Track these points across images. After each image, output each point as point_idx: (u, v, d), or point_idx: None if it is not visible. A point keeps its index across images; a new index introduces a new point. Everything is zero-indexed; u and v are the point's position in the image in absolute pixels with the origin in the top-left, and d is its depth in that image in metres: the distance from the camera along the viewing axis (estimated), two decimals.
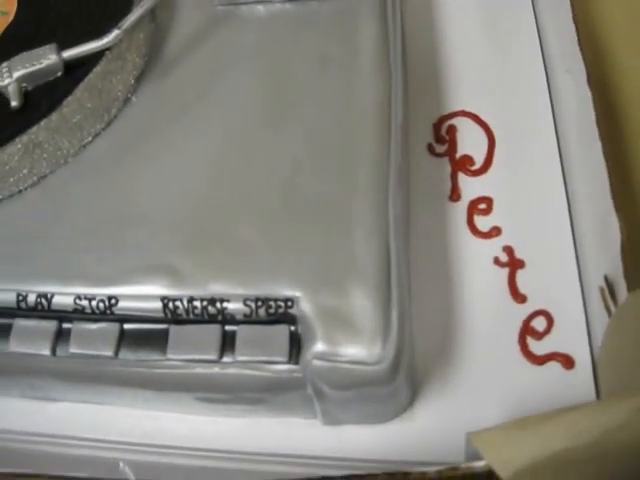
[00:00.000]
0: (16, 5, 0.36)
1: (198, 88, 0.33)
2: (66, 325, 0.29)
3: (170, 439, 0.31)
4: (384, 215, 0.27)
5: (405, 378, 0.26)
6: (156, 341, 0.28)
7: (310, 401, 0.27)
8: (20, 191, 0.32)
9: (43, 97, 0.31)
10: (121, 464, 0.29)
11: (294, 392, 0.27)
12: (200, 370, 0.27)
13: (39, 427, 0.33)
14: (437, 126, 0.36)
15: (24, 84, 0.31)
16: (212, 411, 0.30)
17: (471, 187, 0.34)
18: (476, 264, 0.31)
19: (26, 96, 0.31)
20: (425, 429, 0.27)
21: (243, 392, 0.27)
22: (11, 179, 0.32)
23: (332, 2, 0.33)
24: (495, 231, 0.33)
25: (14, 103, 0.31)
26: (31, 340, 0.29)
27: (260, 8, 0.34)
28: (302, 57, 0.32)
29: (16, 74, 0.31)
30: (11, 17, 0.36)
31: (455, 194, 0.34)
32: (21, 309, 0.30)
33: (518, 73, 0.36)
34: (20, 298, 0.29)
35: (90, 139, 0.32)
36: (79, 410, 0.33)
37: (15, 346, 0.30)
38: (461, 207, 0.33)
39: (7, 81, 0.31)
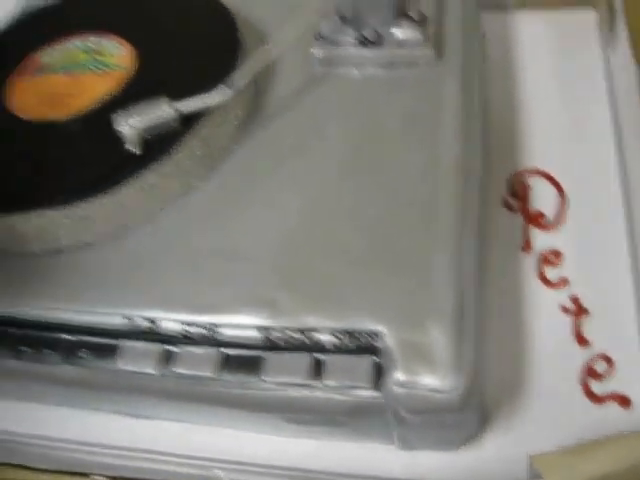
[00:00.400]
0: (135, 61, 0.45)
1: (294, 140, 0.40)
2: (171, 348, 0.37)
3: (253, 457, 0.38)
4: (460, 262, 0.34)
5: (475, 408, 0.32)
6: (253, 365, 0.35)
7: (388, 426, 0.34)
8: (132, 226, 0.40)
9: (157, 144, 0.39)
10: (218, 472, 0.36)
11: (374, 417, 0.33)
12: (291, 393, 0.34)
13: (131, 442, 0.40)
14: (512, 182, 0.43)
15: (142, 132, 0.39)
16: (295, 432, 0.37)
17: (542, 240, 0.40)
18: (544, 310, 0.38)
19: (143, 143, 0.39)
20: (491, 457, 0.34)
21: (328, 415, 0.34)
22: (125, 216, 0.40)
23: (419, 68, 0.41)
24: (563, 281, 0.39)
25: (132, 149, 0.39)
26: (139, 360, 0.37)
27: (354, 71, 0.42)
28: (390, 115, 0.40)
29: (135, 123, 0.39)
30: (131, 72, 0.44)
31: (527, 246, 0.41)
32: (131, 332, 0.37)
33: (590, 135, 0.43)
34: (130, 321, 0.37)
35: (197, 182, 0.40)
36: (169, 427, 0.40)
37: (123, 364, 0.37)
38: (532, 258, 0.40)
39: (127, 129, 0.39)
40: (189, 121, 0.40)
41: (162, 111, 0.39)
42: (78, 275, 0.40)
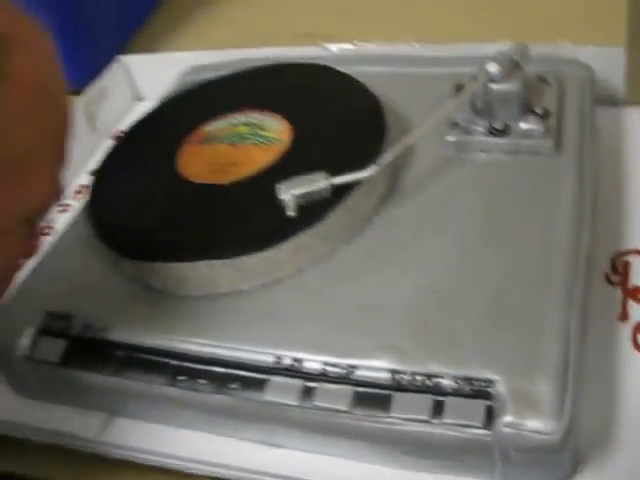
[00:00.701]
0: (291, 136, 0.57)
1: (428, 213, 0.51)
2: (311, 384, 0.47)
3: None
4: (567, 324, 0.43)
5: (571, 450, 0.41)
6: (381, 402, 0.44)
7: (492, 463, 0.42)
8: (283, 279, 0.51)
9: (311, 210, 0.50)
10: None
11: (482, 453, 0.42)
12: (414, 428, 0.43)
13: (266, 468, 0.50)
14: (614, 259, 0.52)
15: (299, 199, 0.50)
16: (405, 464, 0.46)
17: (638, 312, 0.49)
18: (638, 374, 0.46)
19: (299, 209, 0.51)
20: None
21: (443, 449, 0.43)
22: (278, 269, 0.51)
23: (540, 157, 0.52)
24: None
25: (290, 213, 0.50)
26: (282, 393, 0.47)
27: (483, 156, 0.53)
28: (512, 196, 0.51)
29: (294, 192, 0.50)
30: (287, 145, 0.56)
31: (624, 316, 0.49)
32: (276, 368, 0.47)
33: None
34: (277, 360, 0.47)
35: (341, 245, 0.51)
36: (301, 456, 0.50)
37: (269, 396, 0.47)
38: (628, 327, 0.49)
39: (286, 196, 0.50)
40: (339, 192, 0.51)
41: (318, 183, 0.50)
42: (233, 317, 0.51)
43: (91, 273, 0.58)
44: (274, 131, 0.59)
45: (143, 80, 0.89)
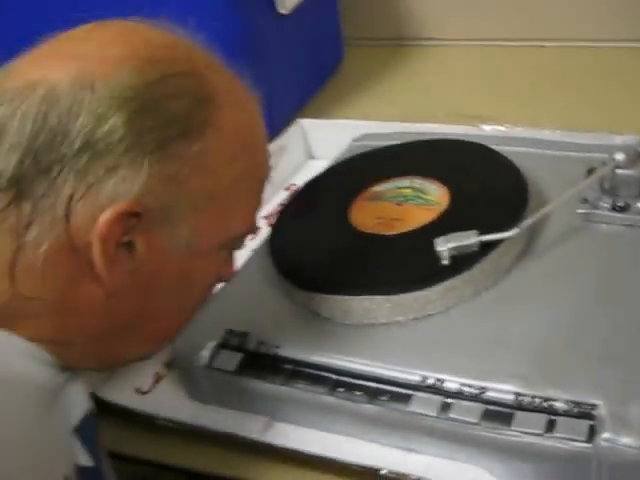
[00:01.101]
0: (448, 200, 0.75)
1: (557, 269, 0.69)
2: (448, 400, 0.63)
3: None
4: None
5: None
6: (505, 418, 0.61)
7: (590, 473, 0.58)
8: (433, 314, 0.69)
9: (461, 260, 0.68)
10: None
11: (583, 463, 0.57)
12: (529, 440, 0.59)
13: (404, 469, 0.66)
14: None
15: (452, 251, 0.68)
16: (519, 471, 0.62)
17: None
18: None
19: (451, 258, 0.69)
20: None
21: (552, 459, 0.59)
22: (429, 306, 0.69)
23: None
24: None
25: (445, 262, 0.68)
26: (424, 406, 0.64)
27: (605, 227, 0.73)
28: (630, 263, 0.68)
29: (449, 245, 0.68)
30: (444, 207, 0.75)
31: None
32: (420, 386, 0.65)
33: None
34: (423, 379, 0.65)
35: (483, 290, 0.69)
36: (432, 460, 0.66)
37: (413, 408, 0.64)
38: None
39: (442, 248, 0.69)
40: (486, 247, 0.69)
41: (469, 239, 0.68)
42: (387, 343, 0.69)
43: (267, 299, 0.78)
44: (434, 195, 0.78)
45: (316, 141, 1.10)
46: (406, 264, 0.72)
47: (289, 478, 0.70)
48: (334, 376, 0.69)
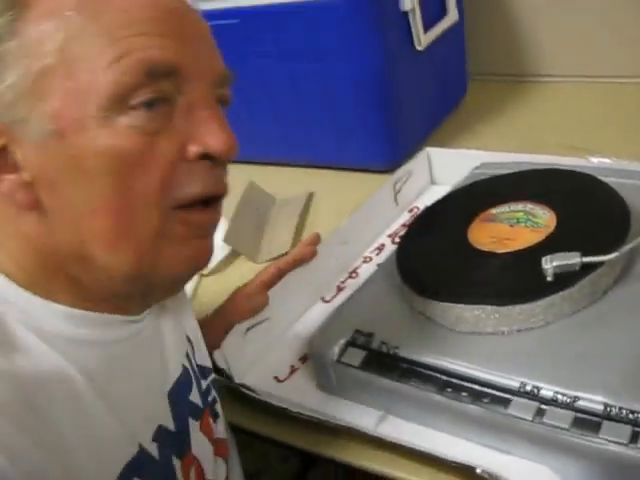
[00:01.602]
0: (555, 223, 0.77)
1: None
2: (543, 406, 0.65)
3: None
4: None
5: None
6: (594, 426, 0.62)
7: None
8: (534, 327, 0.71)
9: (563, 278, 0.70)
10: None
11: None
12: (614, 449, 0.60)
13: (496, 469, 0.69)
14: None
15: (556, 269, 0.70)
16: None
17: None
18: None
19: (555, 276, 0.71)
20: None
21: (634, 468, 0.60)
22: (532, 319, 0.71)
23: None
24: None
25: (548, 279, 0.70)
26: (522, 410, 0.66)
27: None
28: None
29: (554, 263, 0.70)
30: (551, 230, 0.77)
31: None
32: (519, 392, 0.67)
33: None
34: (522, 385, 0.67)
35: (580, 308, 0.70)
36: (520, 462, 0.68)
37: (511, 411, 0.67)
38: None
39: (548, 266, 0.71)
40: (587, 268, 0.70)
41: (572, 260, 0.70)
42: (492, 350, 0.70)
43: (391, 305, 0.81)
44: (543, 218, 0.79)
45: (440, 168, 1.13)
46: (514, 279, 0.74)
47: (394, 466, 0.73)
48: (444, 377, 0.71)
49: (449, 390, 0.71)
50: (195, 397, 0.72)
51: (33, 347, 0.55)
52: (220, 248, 1.14)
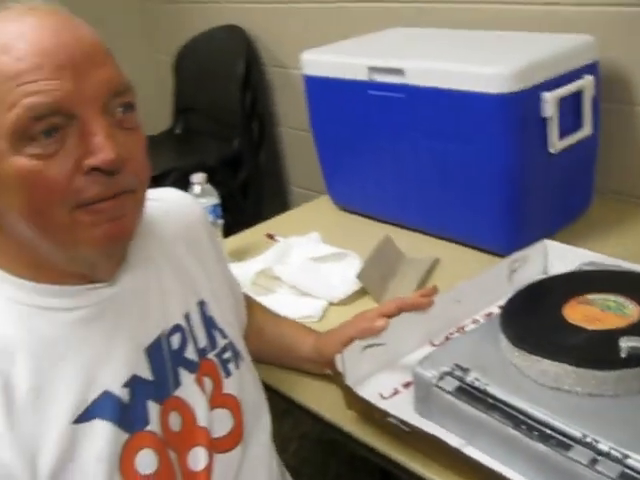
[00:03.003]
0: (638, 315, 0.89)
1: None
2: (598, 457, 0.75)
3: None
4: None
5: None
6: None
7: None
8: (601, 395, 0.82)
9: (636, 359, 0.81)
10: None
11: None
12: None
13: None
14: None
15: (632, 350, 0.81)
16: None
17: None
18: None
19: (629, 355, 0.82)
20: None
21: None
22: (603, 387, 0.81)
23: None
24: None
25: (623, 355, 0.81)
26: (579, 455, 0.76)
27: None
28: None
29: (629, 344, 0.81)
30: (635, 319, 0.88)
31: None
32: (580, 440, 0.77)
33: None
34: (583, 436, 0.77)
35: None
36: None
37: (572, 454, 0.77)
38: None
39: (624, 345, 0.82)
40: None
41: None
42: (564, 403, 0.82)
43: (488, 351, 0.93)
44: (630, 310, 0.90)
45: (554, 260, 1.23)
46: (595, 349, 0.86)
47: None
48: (521, 416, 0.83)
49: (523, 427, 0.82)
50: (190, 353, 0.87)
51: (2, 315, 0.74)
52: (352, 283, 1.29)
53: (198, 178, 1.44)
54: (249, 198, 2.47)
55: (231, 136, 2.42)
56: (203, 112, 2.56)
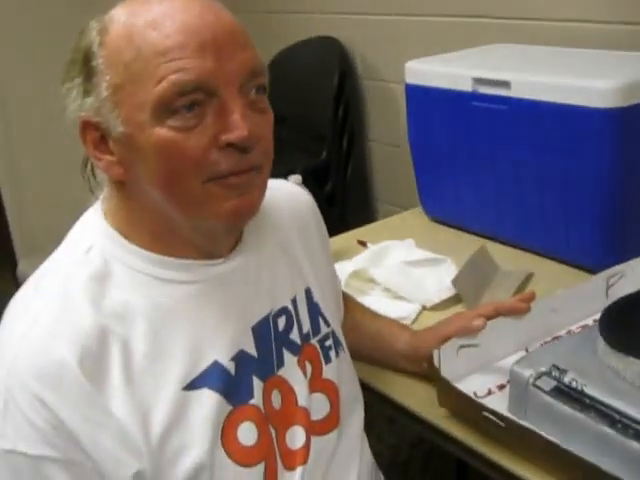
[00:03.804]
0: None
1: None
2: None
3: None
4: None
5: None
6: None
7: None
8: None
9: None
10: None
11: None
12: None
13: None
14: None
15: None
16: None
17: None
18: None
19: None
20: None
21: None
22: None
23: None
24: None
25: None
26: None
27: None
28: None
29: None
30: None
31: None
32: None
33: None
34: None
35: None
36: None
37: None
38: None
39: None
40: None
41: None
42: None
43: (586, 355, 0.98)
44: None
45: None
46: None
47: None
48: (617, 416, 0.88)
49: (619, 426, 0.87)
50: (294, 336, 0.93)
51: (124, 283, 0.82)
52: (446, 289, 1.35)
53: (294, 179, 1.51)
54: (334, 210, 2.53)
55: (320, 147, 2.49)
56: (294, 122, 2.64)
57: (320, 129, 2.51)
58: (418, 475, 1.88)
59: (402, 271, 1.41)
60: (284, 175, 1.55)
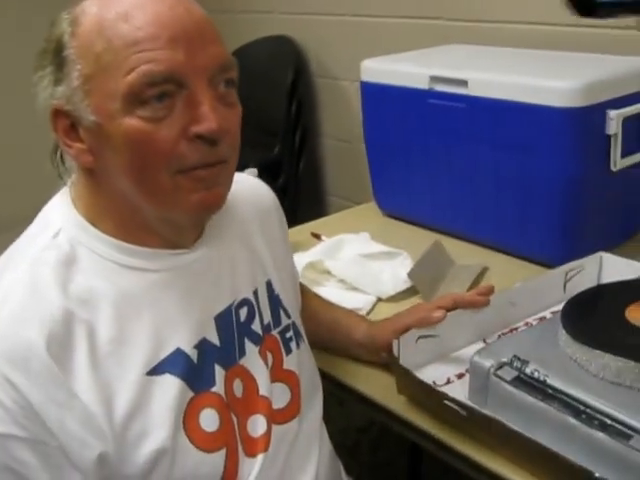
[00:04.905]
0: None
1: None
2: None
3: None
4: None
5: None
6: None
7: None
8: None
9: None
10: None
11: None
12: None
13: None
14: None
15: None
16: None
17: None
18: None
19: None
20: None
21: None
22: None
23: None
24: None
25: None
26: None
27: None
28: None
29: None
30: None
31: None
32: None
33: None
34: None
35: None
36: None
37: (633, 444, 0.80)
38: None
39: None
40: None
41: None
42: (625, 397, 0.85)
43: (548, 346, 0.96)
44: None
45: (608, 273, 1.25)
46: None
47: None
48: (581, 406, 0.86)
49: (583, 416, 0.85)
50: (256, 326, 0.92)
51: (89, 269, 0.80)
52: (402, 281, 1.32)
53: (251, 172, 1.48)
54: (286, 204, 2.49)
55: (273, 143, 2.47)
56: (249, 118, 2.58)
57: (273, 125, 2.48)
58: (366, 459, 1.88)
59: (358, 263, 1.38)
60: (238, 169, 1.51)
